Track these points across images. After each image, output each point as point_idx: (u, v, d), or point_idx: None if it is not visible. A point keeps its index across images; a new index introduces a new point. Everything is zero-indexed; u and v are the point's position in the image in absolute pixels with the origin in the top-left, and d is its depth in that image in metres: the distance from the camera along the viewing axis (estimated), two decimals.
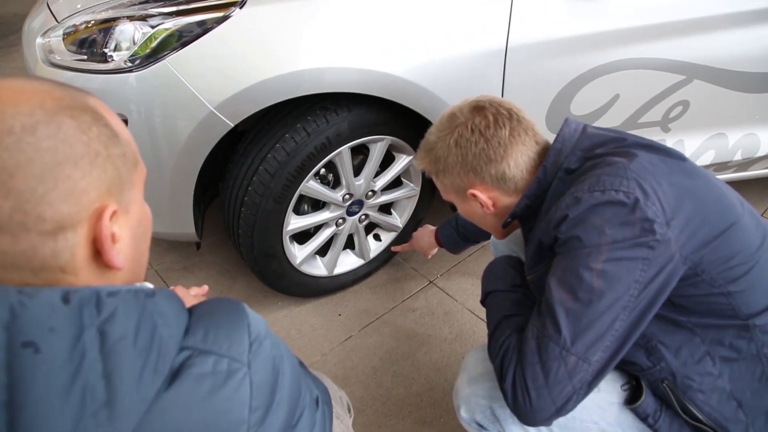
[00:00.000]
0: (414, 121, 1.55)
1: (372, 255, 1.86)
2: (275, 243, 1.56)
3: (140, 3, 1.38)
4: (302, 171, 1.45)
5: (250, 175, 1.45)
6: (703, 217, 0.82)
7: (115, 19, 1.37)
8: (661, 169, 0.84)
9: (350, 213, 1.69)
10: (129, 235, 0.55)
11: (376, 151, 1.58)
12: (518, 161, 0.93)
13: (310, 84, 1.33)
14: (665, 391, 0.91)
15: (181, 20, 1.31)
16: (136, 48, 1.33)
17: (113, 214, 0.51)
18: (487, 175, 0.94)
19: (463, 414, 1.03)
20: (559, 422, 0.95)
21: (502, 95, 1.49)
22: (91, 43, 1.39)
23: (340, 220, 1.68)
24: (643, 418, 0.93)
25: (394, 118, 1.53)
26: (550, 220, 0.85)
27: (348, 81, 1.36)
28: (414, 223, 1.88)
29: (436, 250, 1.71)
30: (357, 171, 1.61)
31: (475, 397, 1.00)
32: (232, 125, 1.36)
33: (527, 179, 0.95)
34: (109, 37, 1.36)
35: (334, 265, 1.79)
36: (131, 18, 1.35)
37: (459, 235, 1.59)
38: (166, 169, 1.40)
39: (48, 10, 1.56)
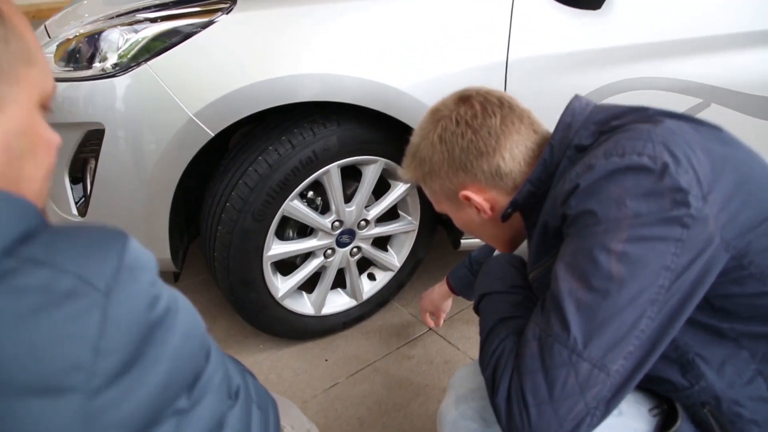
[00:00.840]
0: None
1: (365, 296, 1.70)
2: (254, 269, 1.41)
3: (129, 12, 1.35)
4: (285, 187, 1.34)
5: (229, 190, 1.34)
6: (748, 194, 0.65)
7: (102, 29, 1.34)
8: (693, 137, 0.67)
9: (341, 244, 1.55)
10: None
11: (369, 175, 1.47)
12: (514, 152, 0.79)
13: (291, 91, 1.25)
14: (707, 418, 0.72)
15: (165, 25, 1.27)
16: (120, 52, 1.29)
17: None
18: (479, 171, 0.79)
19: None
20: None
21: None
22: (78, 54, 1.35)
23: (329, 251, 1.54)
24: None
25: (388, 139, 1.43)
26: (557, 195, 0.69)
27: (332, 89, 1.28)
28: (412, 262, 1.73)
29: (450, 302, 1.49)
30: (349, 199, 1.50)
31: (463, 421, 0.81)
32: (212, 134, 1.28)
33: (527, 173, 0.79)
34: (96, 45, 1.33)
35: (322, 304, 1.62)
36: (120, 25, 1.32)
37: (473, 274, 1.36)
38: (143, 182, 1.30)
39: (44, 29, 1.55)
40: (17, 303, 0.36)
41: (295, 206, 1.39)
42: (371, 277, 1.74)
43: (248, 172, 1.32)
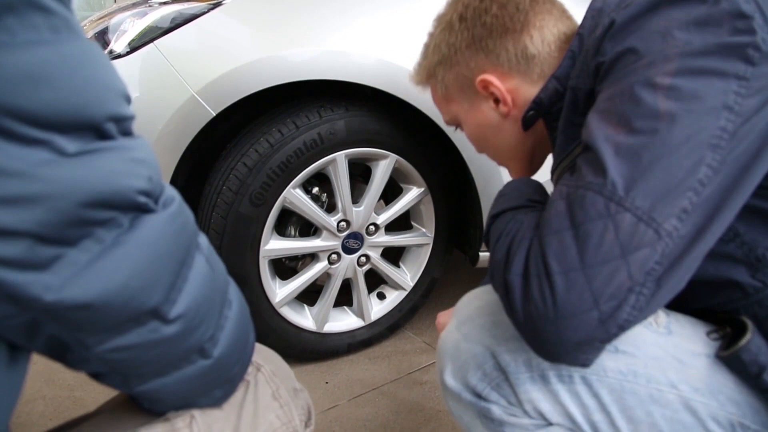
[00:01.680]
0: (423, 141, 1.37)
1: (374, 316, 1.53)
2: (249, 263, 1.28)
3: (142, 2, 1.37)
4: (287, 171, 1.25)
5: (228, 173, 1.26)
6: None
7: (111, 14, 1.35)
8: None
9: (347, 249, 1.42)
10: None
11: (379, 171, 1.37)
12: (544, 33, 0.68)
13: (294, 69, 1.20)
14: None
15: (173, 7, 1.27)
16: (130, 35, 1.28)
17: None
18: (503, 52, 0.69)
19: (449, 380, 0.65)
20: (612, 384, 0.58)
21: None
22: (96, 38, 1.35)
23: (334, 256, 1.41)
24: (749, 371, 0.55)
25: (398, 132, 1.35)
26: (589, 48, 0.57)
27: (337, 67, 1.22)
28: (427, 282, 1.57)
29: None
30: (358, 201, 1.40)
31: (467, 344, 0.64)
32: (214, 113, 1.22)
33: (556, 62, 0.68)
34: (107, 31, 1.33)
35: (325, 319, 1.46)
36: (130, 12, 1.33)
37: None
38: None
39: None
40: None
41: (297, 195, 1.29)
42: (381, 296, 1.58)
43: (248, 152, 1.24)
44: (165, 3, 1.29)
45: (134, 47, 1.24)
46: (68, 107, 0.32)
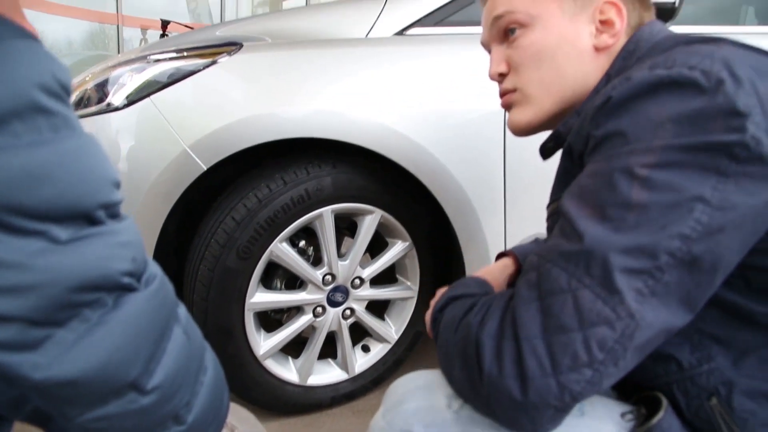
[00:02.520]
0: (408, 197, 1.41)
1: (358, 369, 1.54)
2: (234, 315, 1.30)
3: (141, 57, 1.42)
4: (274, 225, 1.28)
5: (216, 226, 1.29)
6: None
7: (113, 67, 1.40)
8: None
9: (332, 303, 1.44)
10: None
11: (365, 226, 1.40)
12: (644, 11, 0.70)
13: (284, 127, 1.25)
14: (712, 414, 0.57)
15: (171, 64, 1.32)
16: (127, 90, 1.33)
17: None
18: None
19: None
20: None
21: (504, 156, 1.36)
22: (90, 95, 1.40)
23: (319, 309, 1.43)
24: None
25: (384, 189, 1.39)
26: (587, 113, 0.58)
27: (326, 126, 1.27)
28: (411, 335, 1.58)
29: None
30: (343, 255, 1.42)
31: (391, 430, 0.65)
32: (205, 168, 1.26)
33: (628, 40, 0.68)
34: (106, 85, 1.38)
35: (309, 371, 1.46)
36: (129, 66, 1.38)
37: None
38: (130, 213, 1.26)
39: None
40: None
41: (283, 249, 1.31)
42: (365, 349, 1.59)
43: (237, 207, 1.28)
44: (164, 60, 1.34)
45: (132, 101, 1.29)
46: (65, 200, 0.35)
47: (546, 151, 0.74)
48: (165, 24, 5.92)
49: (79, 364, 0.37)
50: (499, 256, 0.90)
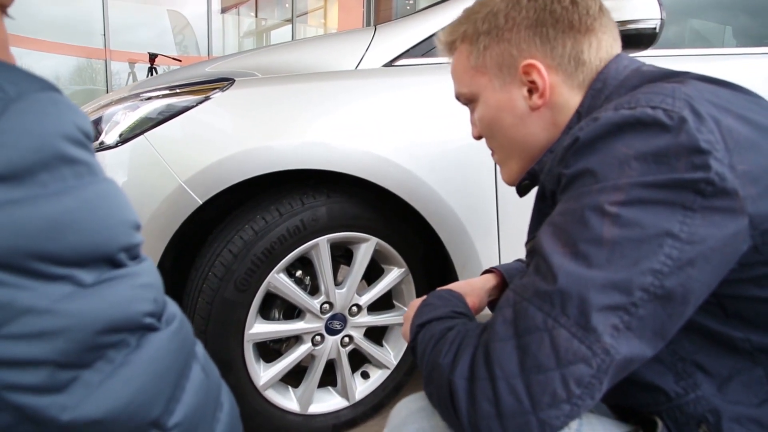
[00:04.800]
0: (402, 224, 1.43)
1: (358, 396, 1.54)
2: (234, 347, 1.31)
3: (134, 94, 1.44)
4: (271, 256, 1.30)
5: (213, 259, 1.30)
6: None
7: (107, 105, 1.42)
8: (730, 102, 0.56)
9: (330, 331, 1.45)
10: None
11: (360, 254, 1.42)
12: (601, 47, 0.69)
13: (278, 159, 1.28)
14: None
15: (164, 101, 1.34)
16: (121, 128, 1.35)
17: None
18: (559, 46, 0.68)
19: None
20: None
21: (495, 181, 1.39)
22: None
23: (318, 337, 1.43)
24: None
25: (379, 217, 1.41)
26: (557, 153, 0.61)
27: (319, 157, 1.30)
28: (410, 359, 1.59)
29: None
30: (340, 283, 1.44)
31: None
32: (201, 202, 1.28)
33: (597, 74, 0.69)
34: (100, 124, 1.40)
35: (309, 400, 1.46)
36: (122, 105, 1.40)
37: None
38: None
39: None
40: None
41: (281, 280, 1.33)
42: (365, 375, 1.59)
43: (233, 239, 1.29)
44: (156, 97, 1.37)
45: (125, 138, 1.30)
46: (89, 246, 0.37)
47: (521, 189, 0.77)
48: (153, 57, 5.99)
49: (105, 404, 0.38)
50: (485, 272, 0.93)
